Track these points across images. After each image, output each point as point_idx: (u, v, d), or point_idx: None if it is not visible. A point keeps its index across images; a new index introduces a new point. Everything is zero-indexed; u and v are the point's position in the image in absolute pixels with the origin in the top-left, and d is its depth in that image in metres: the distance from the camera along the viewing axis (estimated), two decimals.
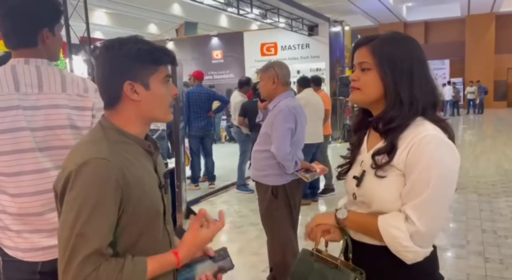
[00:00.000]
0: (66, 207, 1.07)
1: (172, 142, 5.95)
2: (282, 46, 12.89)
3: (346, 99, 10.95)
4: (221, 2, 8.68)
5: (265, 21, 10.64)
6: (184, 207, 4.79)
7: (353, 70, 1.34)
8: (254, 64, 12.84)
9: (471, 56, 22.42)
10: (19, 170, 1.44)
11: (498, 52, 22.18)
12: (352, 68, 1.36)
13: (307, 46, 12.54)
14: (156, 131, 6.72)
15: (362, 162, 1.33)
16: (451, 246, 3.95)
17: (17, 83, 1.44)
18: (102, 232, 1.05)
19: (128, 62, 1.13)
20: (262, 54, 13.02)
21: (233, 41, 13.75)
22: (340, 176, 1.45)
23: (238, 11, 9.25)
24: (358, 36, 11.56)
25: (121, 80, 1.14)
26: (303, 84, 5.55)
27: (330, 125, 6.34)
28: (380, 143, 1.28)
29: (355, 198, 1.34)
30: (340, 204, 1.51)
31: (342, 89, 10.34)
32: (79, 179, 1.05)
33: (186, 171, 5.62)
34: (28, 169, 1.44)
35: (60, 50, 1.64)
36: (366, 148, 1.36)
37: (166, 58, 1.19)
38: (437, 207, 1.19)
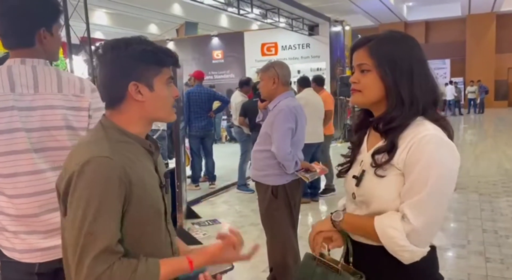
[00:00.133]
0: (71, 208, 1.06)
1: (173, 142, 5.95)
2: (282, 46, 12.90)
3: (347, 99, 10.94)
4: (221, 2, 8.68)
5: (265, 21, 10.65)
6: (184, 207, 4.79)
7: (352, 72, 1.34)
8: (254, 64, 12.84)
9: (472, 55, 22.42)
10: (15, 171, 1.43)
11: (498, 51, 22.18)
12: (351, 69, 1.36)
13: (308, 46, 12.54)
14: (156, 131, 6.73)
15: (362, 161, 1.33)
16: (452, 246, 3.94)
17: (12, 84, 1.43)
18: (110, 229, 1.05)
19: (132, 62, 1.13)
20: (263, 54, 13.04)
21: (233, 41, 13.77)
22: (340, 174, 1.45)
23: (239, 11, 9.26)
24: (359, 35, 11.54)
25: (126, 80, 1.14)
26: (303, 84, 5.54)
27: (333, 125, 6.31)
28: (380, 143, 1.28)
29: (355, 198, 1.33)
30: (340, 204, 1.51)
31: (342, 89, 10.34)
32: (83, 179, 1.05)
33: (186, 171, 5.62)
34: (24, 170, 1.44)
35: (59, 50, 1.63)
36: (366, 147, 1.36)
37: (169, 59, 1.19)
38: (434, 206, 1.19)
